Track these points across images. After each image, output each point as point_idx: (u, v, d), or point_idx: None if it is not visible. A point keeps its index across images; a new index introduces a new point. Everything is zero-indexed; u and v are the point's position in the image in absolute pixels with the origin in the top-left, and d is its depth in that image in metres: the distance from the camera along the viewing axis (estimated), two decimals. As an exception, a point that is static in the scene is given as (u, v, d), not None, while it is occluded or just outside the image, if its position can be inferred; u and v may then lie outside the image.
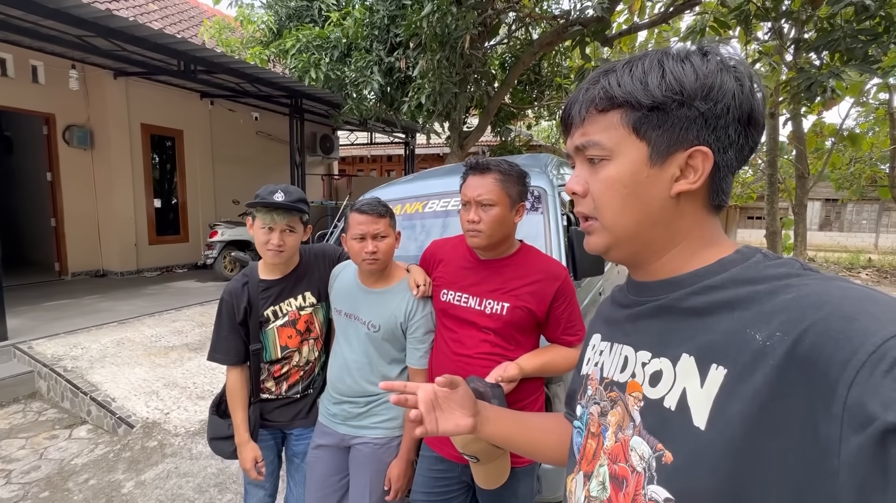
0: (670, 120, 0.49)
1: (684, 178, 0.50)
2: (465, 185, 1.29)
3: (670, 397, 0.47)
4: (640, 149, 0.50)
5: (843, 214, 19.88)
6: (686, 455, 0.44)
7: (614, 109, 0.51)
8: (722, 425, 0.42)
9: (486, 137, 8.50)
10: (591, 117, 0.53)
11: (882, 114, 9.96)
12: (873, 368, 0.33)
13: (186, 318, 4.79)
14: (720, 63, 0.49)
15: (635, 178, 0.51)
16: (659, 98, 0.48)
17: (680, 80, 0.48)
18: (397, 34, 5.33)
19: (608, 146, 0.52)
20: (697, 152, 0.49)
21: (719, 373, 0.43)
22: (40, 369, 3.54)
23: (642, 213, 0.52)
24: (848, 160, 11.35)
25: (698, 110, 0.48)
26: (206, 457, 2.66)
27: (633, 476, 0.50)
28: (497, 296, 1.28)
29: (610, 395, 0.57)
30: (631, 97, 0.49)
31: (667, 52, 0.51)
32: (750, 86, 0.49)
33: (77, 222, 6.54)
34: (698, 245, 0.52)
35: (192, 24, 7.75)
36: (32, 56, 5.76)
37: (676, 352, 0.48)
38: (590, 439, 0.59)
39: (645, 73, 0.49)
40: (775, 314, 0.42)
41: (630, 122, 0.50)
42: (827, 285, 0.42)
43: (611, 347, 0.60)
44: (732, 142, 0.49)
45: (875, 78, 5.04)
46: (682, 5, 5.37)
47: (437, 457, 1.34)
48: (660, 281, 0.54)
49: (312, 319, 1.55)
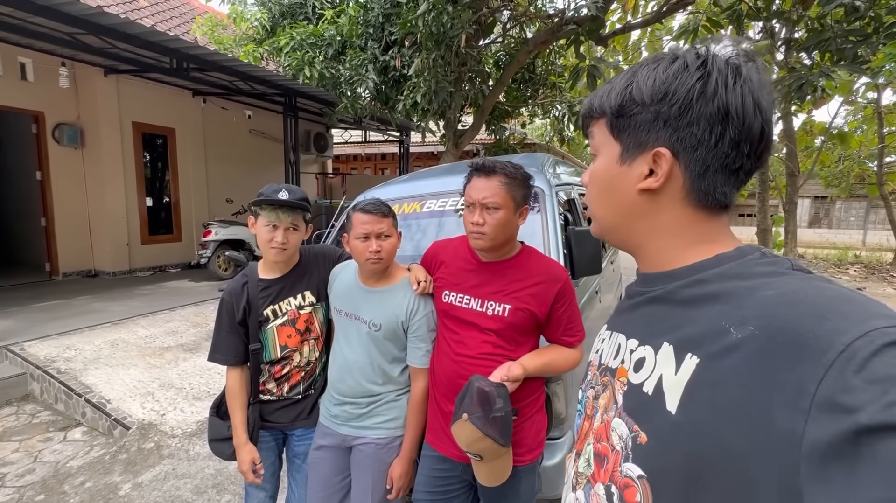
0: (633, 123, 0.54)
1: (653, 177, 0.54)
2: (469, 185, 1.29)
3: (649, 382, 0.50)
4: (614, 148, 0.56)
5: (832, 212, 20.18)
6: (658, 436, 0.47)
7: (599, 118, 0.59)
8: (690, 411, 0.44)
9: (480, 136, 8.50)
10: (591, 122, 0.61)
11: (870, 112, 10.11)
12: (843, 367, 0.34)
13: (181, 319, 4.75)
14: (683, 65, 0.50)
15: (607, 173, 0.58)
16: (615, 105, 0.55)
17: (639, 87, 0.52)
18: (392, 32, 5.31)
19: (596, 144, 0.60)
20: (656, 153, 0.52)
21: (692, 362, 0.45)
22: (33, 371, 3.50)
23: (614, 204, 0.58)
24: (837, 158, 11.51)
25: (655, 112, 0.51)
26: (203, 458, 2.65)
27: (613, 454, 0.53)
28: (499, 297, 1.29)
29: (603, 380, 0.60)
30: (602, 107, 0.57)
31: (644, 61, 0.55)
32: (724, 81, 0.48)
33: (68, 221, 6.46)
34: (687, 241, 0.54)
35: (183, 20, 7.66)
36: (20, 53, 5.66)
37: (659, 341, 0.51)
38: (585, 421, 0.63)
39: (616, 83, 0.56)
40: (751, 309, 0.43)
41: (608, 126, 0.57)
42: (804, 284, 0.43)
43: (610, 335, 0.63)
44: (702, 140, 0.50)
45: (864, 77, 5.11)
46: (675, 5, 5.41)
47: (439, 457, 1.35)
48: (659, 272, 0.57)
49: (312, 319, 1.55)
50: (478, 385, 1.12)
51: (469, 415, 1.10)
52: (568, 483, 0.63)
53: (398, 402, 1.45)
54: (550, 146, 11.09)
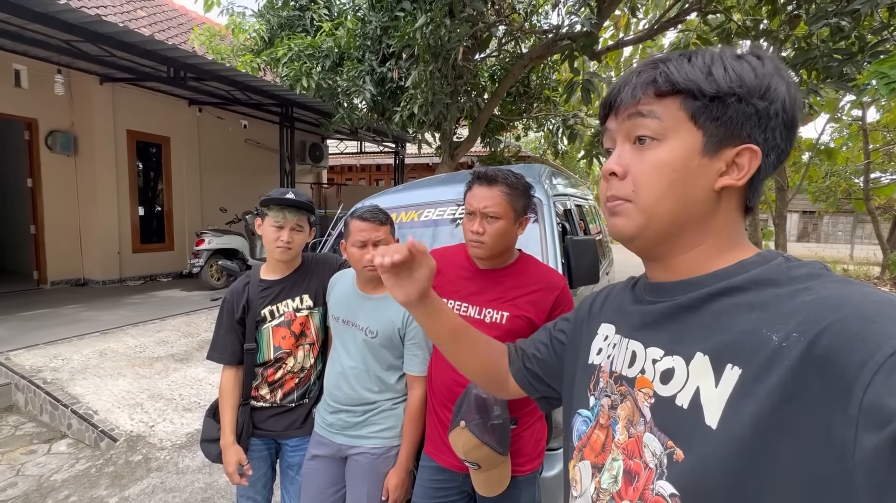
0: (728, 113, 0.49)
1: (729, 174, 0.50)
2: (470, 194, 1.30)
3: (683, 395, 0.48)
4: (695, 136, 0.50)
5: (820, 226, 20.50)
6: (697, 453, 0.45)
7: (673, 96, 0.50)
8: (734, 425, 0.42)
9: (475, 148, 8.58)
10: (646, 99, 0.52)
11: (855, 129, 10.35)
12: (891, 371, 0.33)
13: (172, 328, 4.68)
14: (775, 67, 0.50)
15: (686, 164, 0.50)
16: (724, 88, 0.48)
17: (741, 76, 0.48)
18: (390, 45, 5.38)
19: (665, 125, 0.51)
20: (747, 150, 0.49)
21: (734, 373, 0.43)
22: (18, 381, 3.42)
23: (684, 200, 0.51)
24: (824, 173, 11.73)
25: (755, 107, 0.49)
26: (193, 472, 2.58)
27: (645, 472, 0.50)
28: (496, 305, 1.28)
29: (619, 389, 0.57)
30: (694, 85, 0.49)
31: (723, 50, 0.51)
32: (795, 94, 0.50)
33: (58, 229, 6.37)
34: (724, 245, 0.53)
35: (181, 31, 7.71)
36: (15, 60, 5.65)
37: (690, 351, 0.49)
38: (597, 430, 0.59)
39: (706, 64, 0.50)
40: (793, 315, 0.42)
41: (690, 109, 0.50)
42: (847, 288, 0.42)
43: (620, 341, 0.60)
44: (776, 145, 0.50)
45: (849, 95, 5.25)
46: (666, 23, 5.55)
47: (437, 468, 1.33)
48: (678, 282, 0.54)
49: (308, 323, 1.56)
50: (475, 392, 1.11)
51: (467, 422, 1.09)
52: (585, 497, 0.58)
53: (395, 411, 1.44)
54: (544, 159, 11.21)
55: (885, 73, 2.72)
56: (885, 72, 2.72)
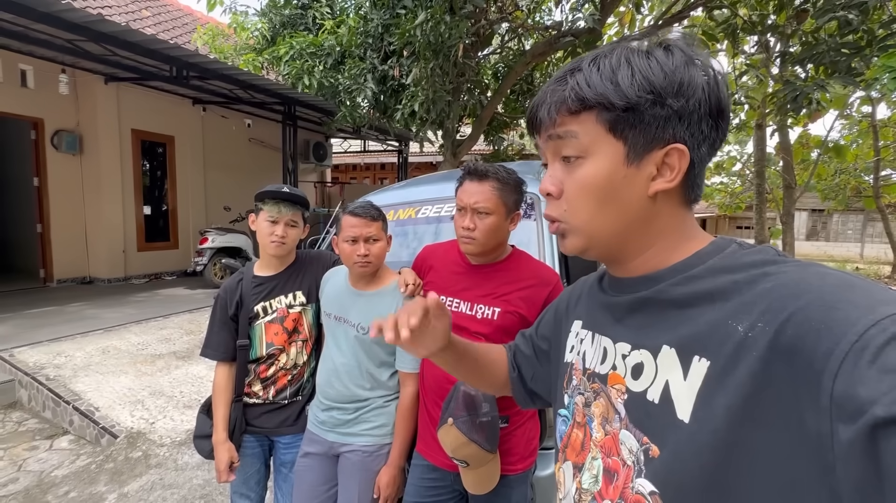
0: (645, 119, 0.47)
1: (661, 176, 0.49)
2: (461, 189, 1.28)
3: (653, 390, 0.47)
4: (617, 148, 0.49)
5: (830, 224, 20.24)
6: (671, 448, 0.44)
7: (587, 111, 0.49)
8: (706, 418, 0.41)
9: (478, 146, 8.55)
10: (561, 119, 0.51)
11: (865, 126, 10.20)
12: (857, 358, 0.33)
13: (174, 326, 4.71)
14: (684, 57, 0.48)
15: (612, 177, 0.49)
16: (633, 98, 0.47)
17: (649, 79, 0.47)
18: (391, 42, 5.37)
19: (585, 143, 0.50)
20: (673, 150, 0.48)
21: (702, 366, 0.43)
22: (21, 378, 3.45)
23: (618, 213, 0.50)
24: (833, 171, 11.58)
25: (671, 108, 0.47)
26: (191, 468, 2.59)
27: (624, 469, 0.50)
28: (488, 301, 1.27)
29: (592, 387, 0.57)
30: (603, 98, 0.48)
31: (630, 47, 0.49)
32: (715, 76, 0.48)
33: (64, 228, 6.44)
34: (677, 240, 0.52)
35: (185, 30, 7.75)
36: (21, 60, 5.70)
37: (656, 344, 0.48)
38: (576, 429, 0.59)
39: (613, 71, 0.48)
40: (755, 304, 0.41)
41: (606, 122, 0.49)
42: (804, 272, 0.41)
43: (591, 337, 0.59)
44: (706, 136, 0.49)
45: (858, 91, 5.17)
46: (671, 19, 5.48)
47: (429, 466, 1.32)
48: (639, 277, 0.53)
49: (301, 319, 1.55)
50: (464, 389, 1.10)
51: (454, 419, 1.08)
52: (568, 498, 0.58)
53: (386, 409, 1.42)
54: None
55: (894, 67, 2.66)
56: (894, 66, 2.66)
